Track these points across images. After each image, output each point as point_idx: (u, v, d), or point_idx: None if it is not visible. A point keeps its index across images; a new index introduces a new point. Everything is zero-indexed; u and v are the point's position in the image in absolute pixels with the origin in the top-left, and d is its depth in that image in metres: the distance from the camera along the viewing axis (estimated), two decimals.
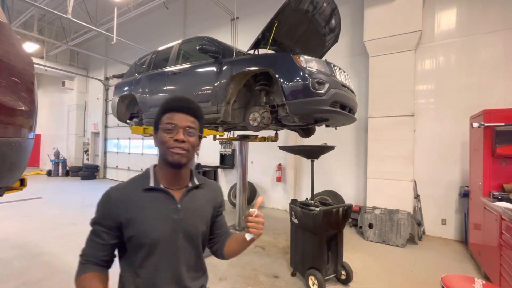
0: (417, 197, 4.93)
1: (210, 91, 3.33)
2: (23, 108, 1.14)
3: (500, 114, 3.19)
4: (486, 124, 3.20)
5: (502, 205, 2.76)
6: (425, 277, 3.27)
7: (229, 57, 3.35)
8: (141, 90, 4.30)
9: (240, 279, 3.13)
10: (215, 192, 1.13)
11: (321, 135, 4.93)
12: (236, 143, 5.53)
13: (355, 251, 4.09)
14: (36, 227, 4.87)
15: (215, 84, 3.28)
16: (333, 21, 3.52)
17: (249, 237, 0.97)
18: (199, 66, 3.62)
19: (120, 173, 11.66)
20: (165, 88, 3.92)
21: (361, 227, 4.88)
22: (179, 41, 4.21)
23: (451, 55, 4.86)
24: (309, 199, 3.39)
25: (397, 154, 4.91)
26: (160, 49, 4.49)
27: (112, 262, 0.98)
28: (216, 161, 7.96)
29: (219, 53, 3.38)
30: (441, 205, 4.85)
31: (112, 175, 12.08)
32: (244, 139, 4.67)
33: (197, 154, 7.57)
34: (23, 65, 1.16)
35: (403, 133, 4.88)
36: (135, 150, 11.13)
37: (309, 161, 3.60)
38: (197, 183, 1.05)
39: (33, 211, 6.02)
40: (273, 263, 3.58)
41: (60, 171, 12.72)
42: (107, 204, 0.94)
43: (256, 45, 3.37)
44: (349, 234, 4.86)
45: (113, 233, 0.93)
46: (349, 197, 5.78)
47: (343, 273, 3.04)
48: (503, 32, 4.44)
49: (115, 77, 5.62)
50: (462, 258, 3.93)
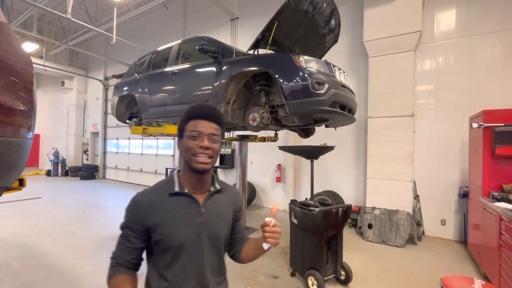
0: (416, 197, 4.94)
1: (209, 91, 3.33)
2: (22, 107, 1.14)
3: (499, 114, 3.19)
4: (485, 124, 3.20)
5: (501, 206, 2.76)
6: (425, 278, 3.27)
7: (228, 57, 3.34)
8: (140, 90, 4.30)
9: (239, 279, 3.13)
10: (235, 197, 1.15)
11: (321, 135, 4.93)
12: (235, 143, 5.52)
13: (355, 251, 4.09)
14: (35, 228, 4.86)
15: (215, 84, 3.28)
16: (333, 22, 3.51)
17: (266, 246, 0.99)
18: (199, 66, 3.62)
19: (119, 173, 11.65)
20: (164, 88, 3.91)
21: (360, 228, 4.88)
22: (179, 41, 4.21)
23: (451, 56, 4.87)
24: (308, 199, 3.39)
25: (397, 154, 4.91)
26: (159, 49, 4.48)
27: (140, 265, 1.01)
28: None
29: (218, 53, 3.37)
30: (441, 206, 4.85)
31: (111, 175, 12.06)
32: (243, 139, 4.66)
33: None
34: (22, 64, 1.16)
35: (402, 134, 4.88)
36: (134, 150, 11.10)
37: (309, 161, 3.60)
38: (218, 187, 1.08)
39: (32, 211, 6.00)
40: (272, 263, 3.58)
41: (59, 171, 12.69)
42: (135, 209, 0.97)
43: (255, 45, 3.36)
44: (348, 234, 4.86)
45: (141, 237, 0.96)
46: (349, 198, 5.78)
47: (343, 273, 3.05)
48: (502, 32, 4.45)
49: (114, 77, 5.61)
50: (461, 258, 3.93)
